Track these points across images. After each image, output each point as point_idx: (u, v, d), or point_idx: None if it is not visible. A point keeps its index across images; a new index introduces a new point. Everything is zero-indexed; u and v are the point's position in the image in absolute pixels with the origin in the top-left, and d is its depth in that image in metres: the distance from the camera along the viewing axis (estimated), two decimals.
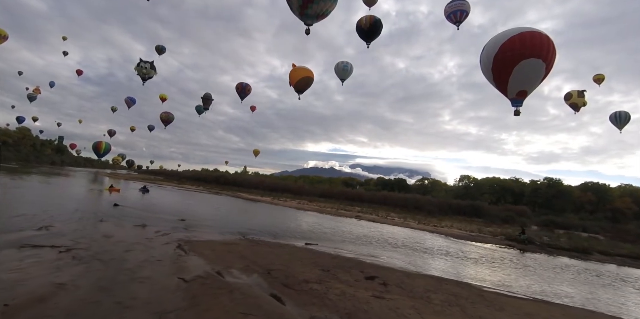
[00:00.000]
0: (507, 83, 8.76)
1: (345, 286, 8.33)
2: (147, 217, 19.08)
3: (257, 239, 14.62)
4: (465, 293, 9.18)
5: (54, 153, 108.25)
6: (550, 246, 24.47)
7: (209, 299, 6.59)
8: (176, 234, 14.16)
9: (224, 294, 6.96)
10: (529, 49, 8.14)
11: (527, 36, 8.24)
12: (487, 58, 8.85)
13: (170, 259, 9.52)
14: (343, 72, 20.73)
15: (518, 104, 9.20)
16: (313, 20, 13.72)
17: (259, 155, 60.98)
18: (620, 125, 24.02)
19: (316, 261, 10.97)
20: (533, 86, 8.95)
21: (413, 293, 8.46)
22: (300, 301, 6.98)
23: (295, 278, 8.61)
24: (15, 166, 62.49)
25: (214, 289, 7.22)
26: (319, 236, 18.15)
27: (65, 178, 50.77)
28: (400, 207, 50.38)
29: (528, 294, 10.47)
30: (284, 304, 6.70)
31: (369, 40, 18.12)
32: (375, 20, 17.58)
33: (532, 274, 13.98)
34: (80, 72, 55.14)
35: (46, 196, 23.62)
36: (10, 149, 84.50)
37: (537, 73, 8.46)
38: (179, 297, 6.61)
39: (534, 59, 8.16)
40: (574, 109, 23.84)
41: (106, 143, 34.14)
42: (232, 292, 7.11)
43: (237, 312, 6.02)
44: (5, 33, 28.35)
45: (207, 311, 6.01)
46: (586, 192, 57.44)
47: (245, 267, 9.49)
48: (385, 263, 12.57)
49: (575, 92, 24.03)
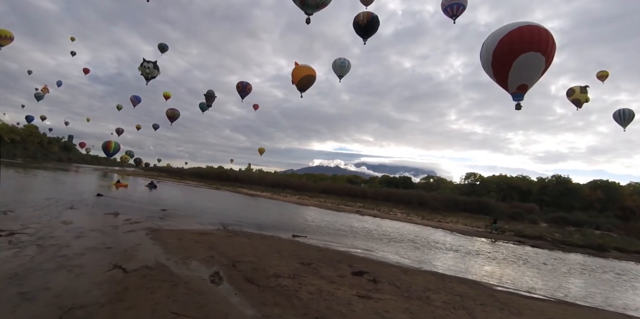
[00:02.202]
0: (507, 77, 8.74)
1: (324, 283, 6.76)
2: (127, 206, 17.73)
3: (238, 230, 13.10)
4: (473, 293, 7.55)
5: (61, 150, 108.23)
6: (563, 243, 22.72)
7: (141, 293, 5.28)
8: (148, 222, 12.81)
9: (164, 288, 5.59)
10: (527, 43, 8.13)
11: (526, 30, 8.21)
12: (487, 53, 8.80)
13: (122, 248, 8.29)
14: (340, 68, 20.18)
15: (519, 98, 9.11)
16: (313, 9, 14.04)
17: (264, 153, 59.95)
18: (625, 123, 23.05)
19: (298, 254, 9.40)
20: (533, 80, 8.91)
21: (409, 292, 6.85)
22: (260, 300, 5.43)
23: (264, 272, 7.05)
24: (19, 162, 62.31)
25: (156, 282, 5.85)
26: (312, 229, 16.59)
27: (65, 173, 49.91)
28: (404, 203, 48.54)
29: (548, 295, 8.80)
30: (235, 302, 5.15)
31: (366, 36, 17.63)
32: (373, 17, 17.07)
33: (551, 273, 12.25)
34: (87, 71, 55.43)
35: (29, 187, 22.51)
36: (17, 146, 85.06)
37: (536, 66, 8.45)
38: (103, 290, 5.34)
39: (533, 53, 8.15)
40: (576, 105, 22.88)
41: (115, 143, 33.49)
42: (176, 286, 5.70)
43: (168, 311, 4.65)
44: (11, 34, 27.93)
45: (130, 308, 4.66)
46: (595, 190, 55.18)
47: (209, 258, 7.98)
48: (381, 258, 10.96)
49: (578, 87, 22.93)
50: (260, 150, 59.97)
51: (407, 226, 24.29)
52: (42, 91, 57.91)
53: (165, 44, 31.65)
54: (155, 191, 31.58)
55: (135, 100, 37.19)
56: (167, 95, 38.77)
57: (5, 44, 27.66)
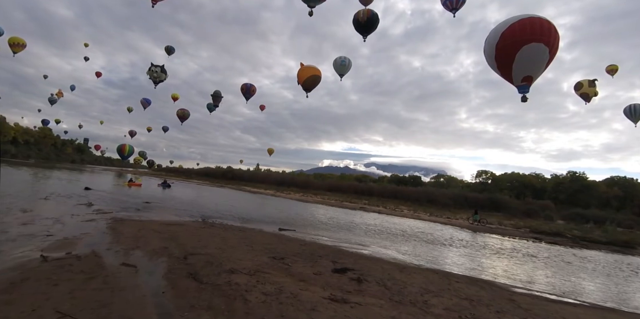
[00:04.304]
0: (511, 70, 8.63)
1: (291, 281, 5.24)
2: (110, 199, 16.66)
3: (216, 223, 11.70)
4: (486, 296, 5.93)
5: (74, 152, 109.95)
6: (584, 239, 20.71)
7: (38, 286, 4.16)
8: (121, 213, 11.71)
9: (75, 281, 4.43)
10: (529, 34, 8.03)
11: (527, 22, 8.13)
12: (490, 48, 8.73)
13: (63, 236, 7.26)
14: (341, 67, 19.80)
15: (525, 90, 8.93)
16: (315, 2, 14.67)
17: (273, 154, 59.26)
18: (636, 118, 22.17)
19: (273, 248, 7.89)
20: (538, 71, 8.74)
21: (401, 295, 5.27)
22: (190, 301, 3.99)
23: (218, 267, 5.58)
24: (31, 162, 62.71)
25: (70, 274, 4.79)
26: (306, 224, 15.10)
27: (70, 172, 49.68)
28: (412, 201, 46.44)
29: (581, 299, 7.10)
30: (153, 302, 3.70)
31: (366, 33, 17.25)
32: (373, 14, 16.76)
33: (579, 273, 10.45)
34: (99, 75, 55.95)
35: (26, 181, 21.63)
36: (31, 147, 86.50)
37: (540, 57, 8.32)
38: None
39: (536, 44, 8.03)
40: (584, 99, 21.93)
41: (130, 146, 34.19)
42: (92, 280, 4.64)
43: (54, 310, 3.51)
44: (24, 41, 28.68)
45: (8, 303, 3.61)
46: (612, 187, 52.23)
47: (161, 249, 6.60)
48: (375, 253, 9.37)
49: (586, 81, 21.86)
50: (269, 150, 59.35)
51: (413, 222, 22.55)
52: (57, 95, 58.19)
53: (172, 46, 32.04)
54: (154, 187, 30.53)
55: (145, 102, 37.56)
56: (176, 96, 39.61)
57: (18, 51, 28.56)
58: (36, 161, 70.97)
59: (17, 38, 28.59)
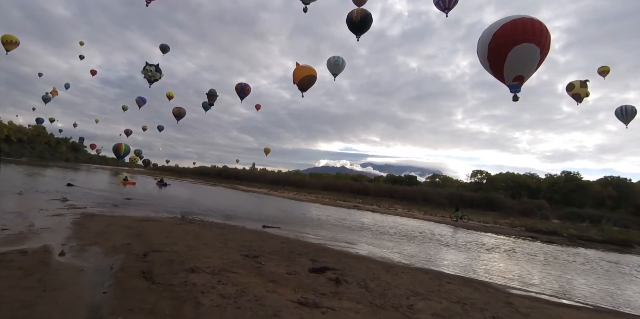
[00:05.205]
0: (502, 69, 8.74)
1: (259, 282, 4.62)
2: (88, 195, 15.92)
3: (195, 219, 11.06)
4: (480, 299, 5.34)
5: (68, 150, 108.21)
6: (580, 238, 20.28)
7: None
8: (96, 209, 11.07)
9: (9, 278, 3.98)
10: (521, 35, 8.15)
11: (519, 22, 8.27)
12: (483, 47, 8.83)
13: (19, 230, 6.71)
14: (335, 67, 19.60)
15: (516, 90, 9.07)
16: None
17: (270, 153, 58.83)
18: (627, 119, 22.20)
19: (249, 245, 7.26)
20: (529, 71, 8.87)
21: (384, 298, 4.67)
22: (133, 303, 3.40)
23: (179, 265, 4.95)
24: (23, 160, 61.36)
25: (5, 270, 4.26)
26: (293, 221, 14.49)
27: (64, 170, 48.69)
28: (407, 200, 46.00)
29: (583, 301, 6.53)
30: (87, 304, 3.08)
31: (359, 33, 17.15)
32: (366, 14, 16.72)
33: (578, 272, 9.90)
34: (94, 73, 55.40)
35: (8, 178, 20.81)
36: (25, 145, 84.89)
37: (531, 58, 8.45)
38: None
39: (527, 44, 8.16)
40: (576, 99, 21.84)
41: (126, 145, 33.67)
42: (28, 277, 4.20)
43: None
44: (17, 39, 28.39)
45: None
46: (607, 187, 52.15)
47: (122, 246, 5.98)
48: (362, 251, 8.76)
49: (578, 81, 21.76)
50: (265, 150, 58.94)
51: (407, 221, 21.99)
52: (51, 93, 57.26)
53: (167, 45, 31.86)
54: (145, 185, 29.79)
55: (140, 101, 37.11)
56: (170, 95, 39.40)
57: (11, 48, 28.18)
58: (29, 159, 69.74)
59: (10, 36, 28.20)
